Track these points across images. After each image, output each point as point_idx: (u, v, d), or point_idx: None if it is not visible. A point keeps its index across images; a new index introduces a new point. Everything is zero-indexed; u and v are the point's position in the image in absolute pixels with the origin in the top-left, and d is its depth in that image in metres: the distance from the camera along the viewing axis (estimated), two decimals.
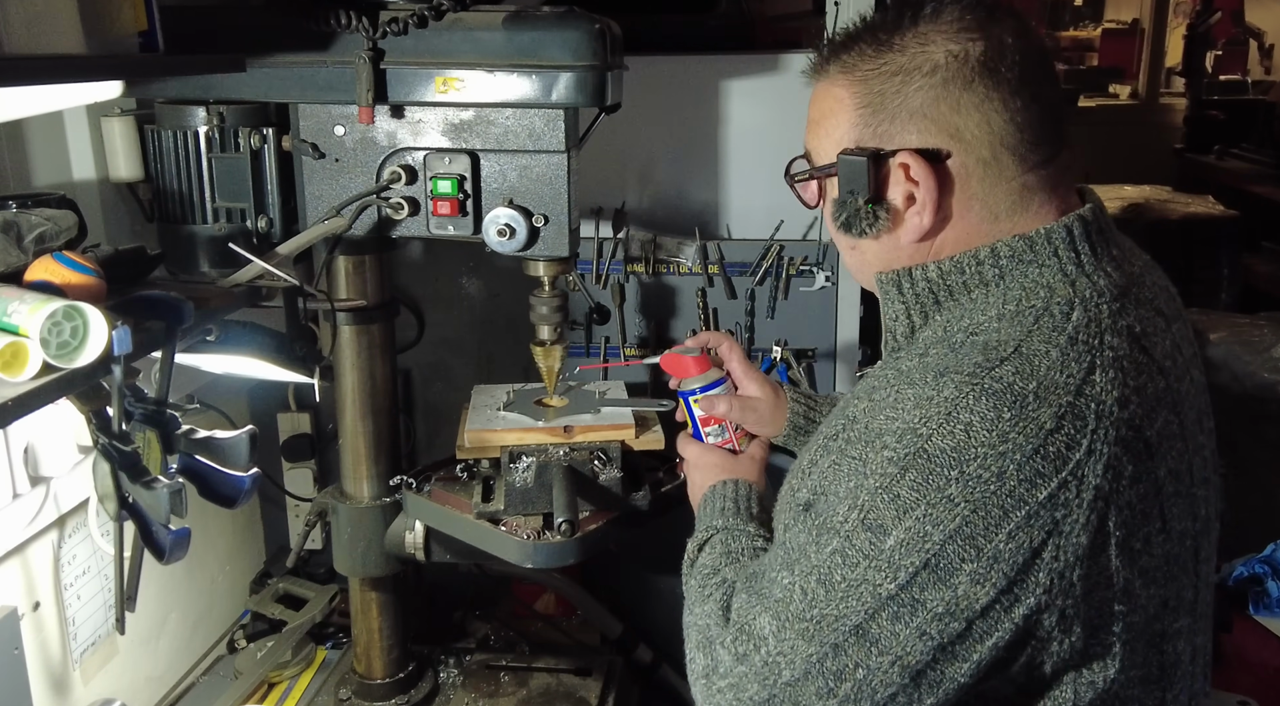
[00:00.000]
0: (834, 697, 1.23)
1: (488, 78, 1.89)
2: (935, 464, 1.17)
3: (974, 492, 1.16)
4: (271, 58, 1.92)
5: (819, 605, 1.22)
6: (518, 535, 2.01)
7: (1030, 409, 1.17)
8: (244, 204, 1.99)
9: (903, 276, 1.39)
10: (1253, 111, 9.13)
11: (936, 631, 1.18)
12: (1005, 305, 1.30)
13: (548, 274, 2.11)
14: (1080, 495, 1.16)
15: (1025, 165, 1.32)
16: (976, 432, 1.17)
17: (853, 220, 1.39)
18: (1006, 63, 1.29)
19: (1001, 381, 1.19)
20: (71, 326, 1.42)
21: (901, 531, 1.18)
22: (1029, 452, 1.16)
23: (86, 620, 2.19)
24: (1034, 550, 1.16)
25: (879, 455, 1.22)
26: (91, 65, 1.48)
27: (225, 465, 1.75)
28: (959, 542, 1.16)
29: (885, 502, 1.19)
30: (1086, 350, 1.23)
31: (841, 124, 1.38)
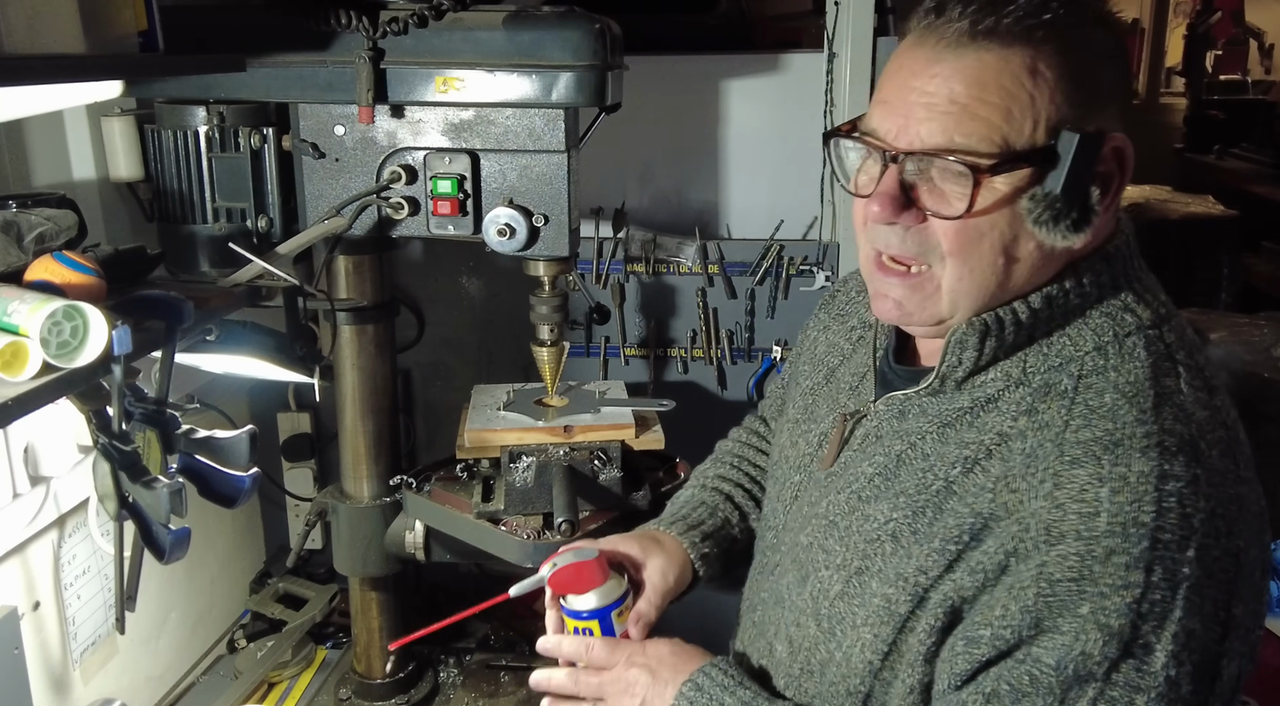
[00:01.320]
0: None
1: (488, 77, 1.89)
2: (1169, 550, 1.05)
3: (1205, 561, 1.07)
4: (271, 57, 1.92)
5: None
6: (518, 535, 2.01)
7: (1213, 462, 1.11)
8: (244, 204, 1.99)
9: (992, 325, 1.21)
10: (1253, 111, 9.14)
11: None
12: (1100, 335, 1.19)
13: (548, 274, 2.11)
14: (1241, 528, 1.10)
15: None
16: (1186, 501, 1.07)
17: (1063, 215, 1.15)
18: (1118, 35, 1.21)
19: (1172, 434, 1.10)
20: (71, 326, 1.42)
21: (1168, 640, 1.06)
22: (1221, 500, 1.09)
23: (86, 620, 2.19)
24: (1230, 592, 1.09)
25: (1104, 570, 1.06)
26: (91, 65, 1.48)
27: (225, 465, 1.75)
28: (1213, 624, 1.08)
29: (1136, 617, 1.05)
30: (1199, 371, 1.17)
31: (1040, 101, 1.13)
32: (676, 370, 2.89)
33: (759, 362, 2.84)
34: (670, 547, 1.58)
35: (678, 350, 2.87)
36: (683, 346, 2.87)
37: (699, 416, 2.09)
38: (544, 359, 2.21)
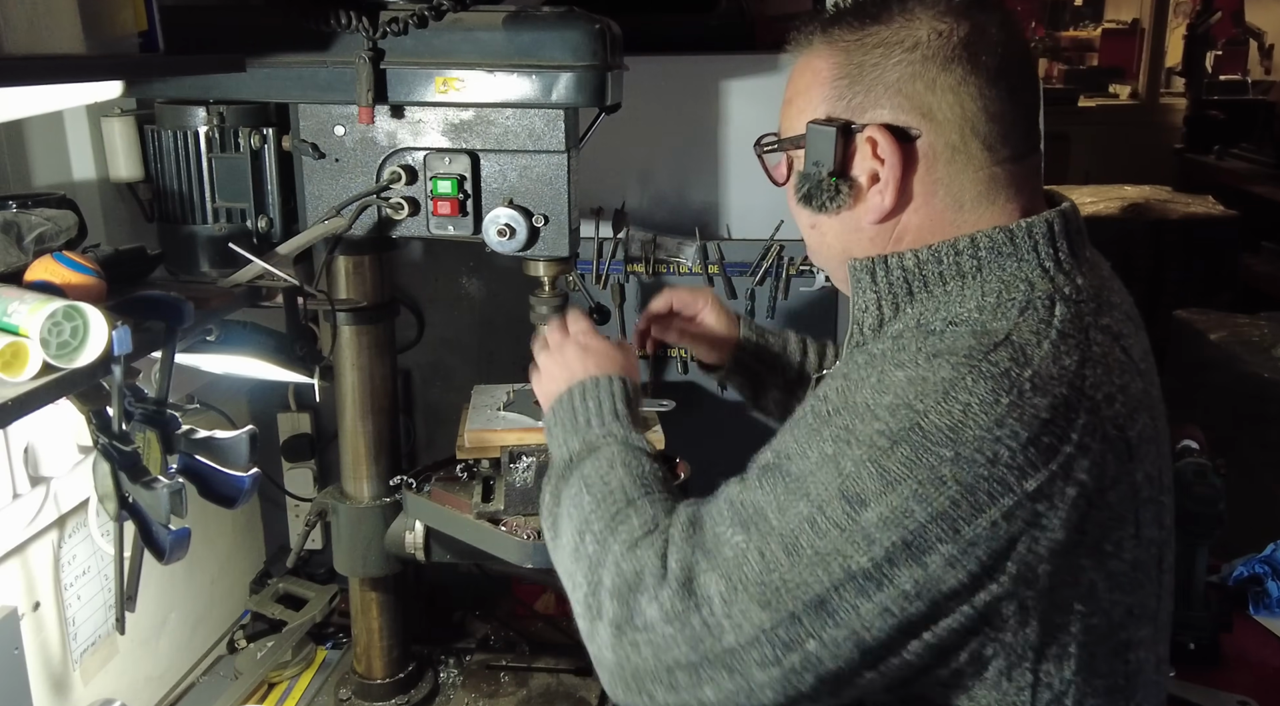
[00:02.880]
0: (776, 667, 1.17)
1: (488, 78, 1.89)
2: (930, 440, 1.14)
3: (965, 474, 1.13)
4: (271, 58, 1.92)
5: (779, 571, 1.16)
6: (518, 535, 2.01)
7: (1028, 396, 1.15)
8: (244, 204, 1.99)
9: (877, 264, 1.35)
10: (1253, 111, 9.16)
11: (899, 609, 1.14)
12: (985, 298, 1.27)
13: (548, 274, 2.11)
14: (1065, 490, 1.15)
15: (994, 157, 1.31)
16: (975, 414, 1.14)
17: (814, 193, 1.37)
18: (987, 50, 1.29)
19: (998, 366, 1.17)
20: (71, 326, 1.42)
21: (884, 506, 1.14)
22: (1024, 441, 1.14)
23: (86, 620, 2.19)
24: (1012, 539, 1.14)
25: (868, 426, 1.18)
26: (91, 65, 1.48)
27: (225, 465, 1.75)
28: (942, 524, 1.13)
29: (871, 474, 1.15)
30: (1075, 345, 1.22)
31: (815, 98, 1.36)
32: (676, 370, 2.89)
33: None
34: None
35: (678, 350, 2.87)
36: (683, 347, 2.87)
37: (699, 416, 2.09)
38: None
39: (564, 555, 1.40)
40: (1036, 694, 1.22)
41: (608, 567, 1.30)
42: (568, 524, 1.41)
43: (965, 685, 1.23)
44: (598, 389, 1.59)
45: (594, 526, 1.36)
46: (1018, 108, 1.31)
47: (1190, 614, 2.53)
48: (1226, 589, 2.80)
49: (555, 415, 1.61)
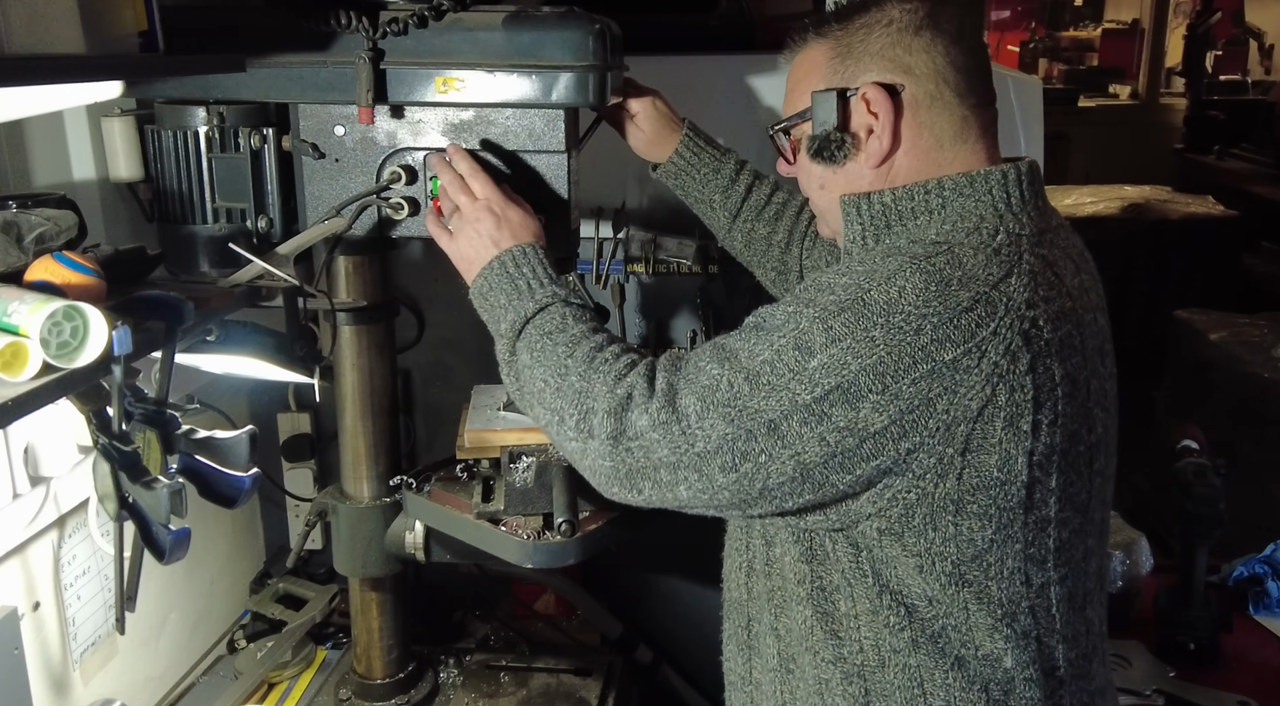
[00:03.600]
0: (734, 472, 1.44)
1: (488, 78, 1.89)
2: (868, 310, 1.39)
3: (893, 339, 1.37)
4: (271, 58, 1.92)
5: (743, 397, 1.43)
6: (518, 535, 2.02)
7: (953, 289, 1.40)
8: (244, 204, 1.99)
9: (861, 200, 1.59)
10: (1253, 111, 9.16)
11: (834, 440, 1.39)
12: (943, 226, 1.52)
13: None
14: (980, 365, 1.37)
15: (964, 102, 1.57)
16: (907, 295, 1.39)
17: (824, 147, 1.61)
18: (946, 19, 1.57)
19: (934, 265, 1.42)
20: (71, 326, 1.42)
21: (825, 356, 1.39)
22: (944, 319, 1.38)
23: (86, 620, 2.19)
24: (930, 399, 1.37)
25: (823, 296, 1.44)
26: (91, 65, 1.48)
27: (225, 465, 1.75)
28: (870, 376, 1.37)
29: (819, 330, 1.40)
30: (1005, 260, 1.45)
31: (815, 79, 1.63)
32: None
33: None
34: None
35: (678, 350, 2.87)
36: (683, 346, 2.87)
37: None
38: None
39: (543, 396, 1.63)
40: (959, 547, 1.45)
41: (599, 396, 1.56)
42: (539, 371, 1.65)
43: (896, 530, 1.46)
44: (528, 258, 1.76)
45: (574, 367, 1.61)
46: (976, 61, 1.59)
47: (1190, 614, 2.54)
48: (1226, 589, 2.80)
49: (490, 283, 1.77)
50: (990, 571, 1.47)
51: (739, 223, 2.24)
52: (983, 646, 1.49)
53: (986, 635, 1.49)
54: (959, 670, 1.50)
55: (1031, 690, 1.51)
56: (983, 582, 1.47)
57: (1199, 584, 2.54)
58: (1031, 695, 1.52)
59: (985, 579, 1.47)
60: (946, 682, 1.50)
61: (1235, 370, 4.63)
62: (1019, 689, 1.51)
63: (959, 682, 1.50)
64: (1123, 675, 2.48)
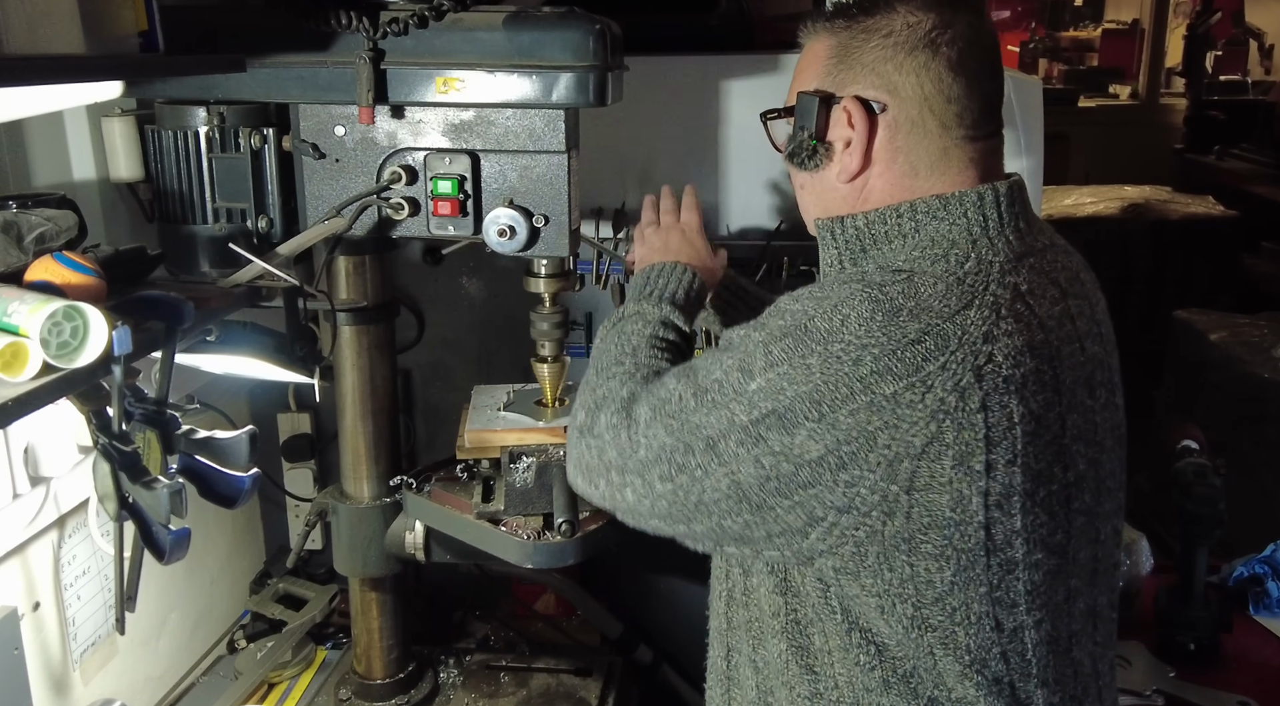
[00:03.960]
0: (670, 482, 1.46)
1: (488, 78, 1.89)
2: (808, 337, 1.38)
3: (829, 368, 1.35)
4: (272, 58, 1.92)
5: (687, 412, 1.46)
6: (518, 535, 2.02)
7: (901, 319, 1.36)
8: (244, 204, 1.99)
9: (835, 224, 1.57)
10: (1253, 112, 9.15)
11: (769, 464, 1.38)
12: (913, 251, 1.48)
13: (548, 290, 2.13)
14: (924, 400, 1.33)
15: (948, 133, 1.51)
16: (850, 324, 1.36)
17: (796, 152, 1.60)
18: (949, 43, 1.49)
19: (886, 293, 1.38)
20: (71, 326, 1.42)
21: (763, 380, 1.39)
22: (886, 351, 1.34)
23: (86, 620, 2.19)
24: (870, 432, 1.34)
25: (774, 321, 1.45)
26: (91, 65, 1.48)
27: (225, 465, 1.76)
28: (805, 404, 1.36)
29: (760, 355, 1.41)
30: (969, 290, 1.39)
31: (811, 75, 1.59)
32: None
33: None
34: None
35: None
36: None
37: None
38: (544, 375, 2.22)
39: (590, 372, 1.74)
40: (918, 588, 1.40)
41: (592, 393, 1.66)
42: (594, 358, 1.76)
43: (852, 569, 1.41)
44: (674, 272, 1.90)
45: (600, 365, 1.72)
46: (974, 95, 1.51)
47: (1190, 614, 2.54)
48: (1226, 589, 2.80)
49: (638, 278, 1.92)
50: (955, 616, 1.41)
51: None
52: (954, 690, 1.45)
53: (957, 680, 1.44)
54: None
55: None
56: (948, 627, 1.41)
57: (1199, 584, 2.54)
58: None
59: (951, 624, 1.41)
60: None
61: (1235, 370, 4.63)
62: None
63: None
64: (1123, 675, 2.48)
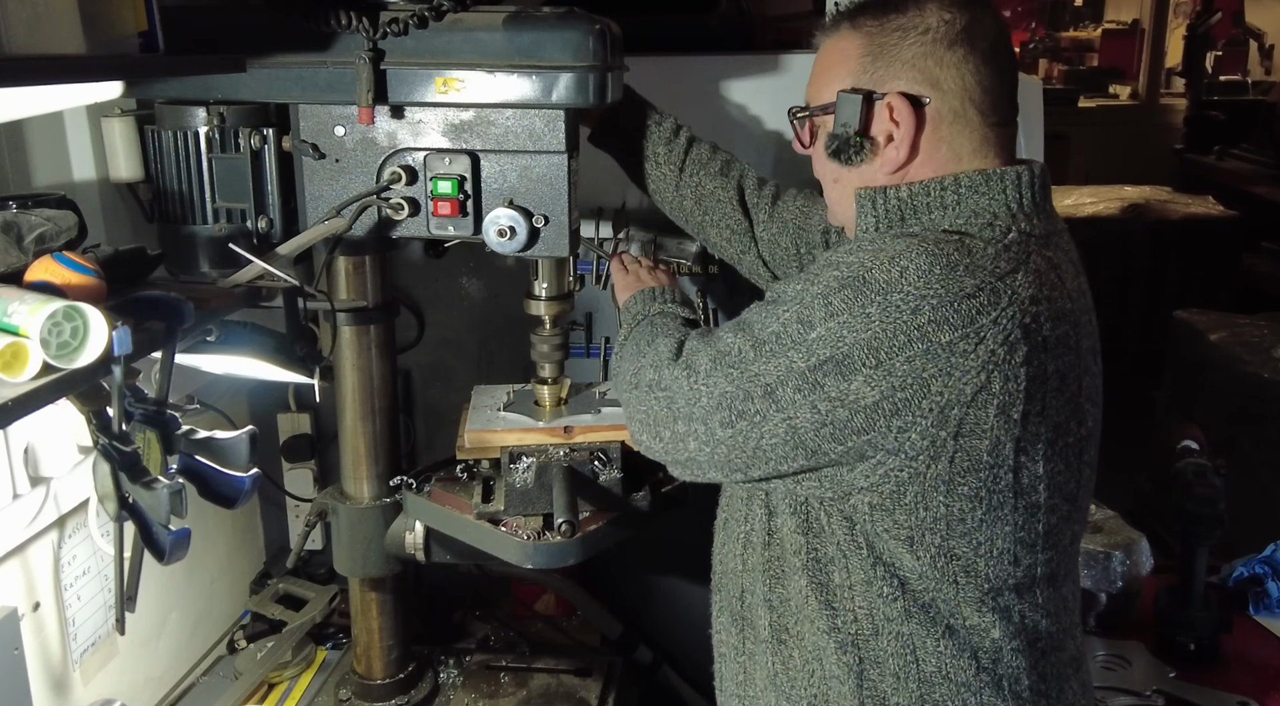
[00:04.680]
0: (730, 428, 1.55)
1: (488, 78, 1.89)
2: (868, 288, 1.44)
3: (889, 317, 1.42)
4: (272, 58, 1.92)
5: (747, 361, 1.53)
6: (518, 535, 2.01)
7: (958, 274, 1.43)
8: (244, 204, 1.99)
9: (878, 193, 1.62)
10: (1253, 112, 9.15)
11: (825, 409, 1.46)
12: (957, 220, 1.56)
13: (549, 313, 2.15)
14: (976, 350, 1.41)
15: (986, 120, 1.59)
16: (909, 275, 1.43)
17: (842, 149, 1.64)
18: (982, 36, 1.58)
19: (942, 249, 1.45)
20: (71, 327, 1.42)
21: (823, 329, 1.46)
22: (944, 301, 1.41)
23: (86, 620, 2.19)
24: (925, 380, 1.42)
25: (828, 273, 1.50)
26: (91, 65, 1.48)
27: (225, 465, 1.75)
28: (864, 351, 1.43)
29: (819, 306, 1.47)
30: (1015, 256, 1.49)
31: (843, 72, 1.64)
32: None
33: None
34: None
35: None
36: None
37: None
38: (544, 397, 2.22)
39: (625, 363, 1.82)
40: (950, 526, 1.51)
41: (648, 358, 1.74)
42: (634, 345, 1.84)
43: (888, 506, 1.51)
44: (666, 292, 2.03)
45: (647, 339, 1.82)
46: (1004, 83, 1.61)
47: (1190, 614, 2.53)
48: (1226, 589, 2.79)
49: (635, 299, 2.02)
50: (980, 549, 1.53)
51: (685, 177, 2.19)
52: (969, 618, 1.56)
53: (974, 608, 1.56)
54: (949, 638, 1.56)
55: (1018, 659, 1.58)
56: (971, 559, 1.53)
57: (1199, 584, 2.54)
58: (1018, 663, 1.58)
59: (974, 556, 1.53)
60: (938, 650, 1.56)
61: (1235, 370, 4.62)
62: (1006, 657, 1.58)
63: (949, 650, 1.56)
64: (1122, 675, 2.48)
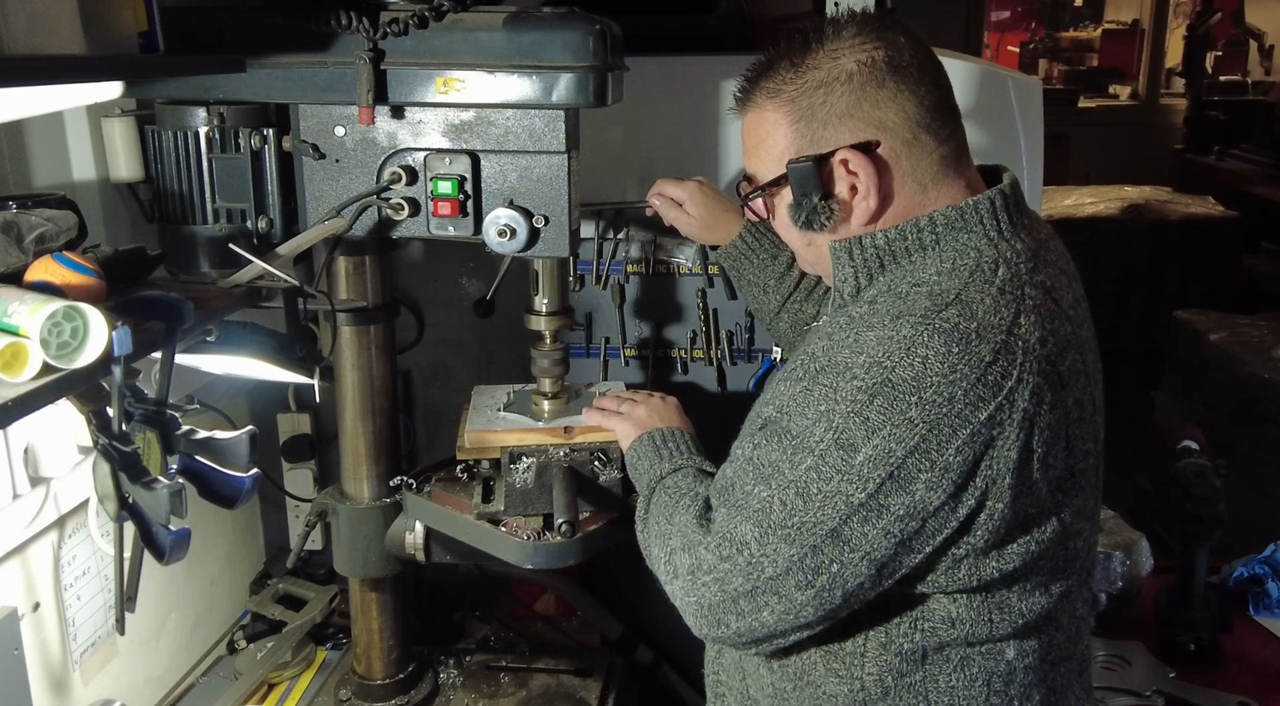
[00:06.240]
0: (811, 588, 1.44)
1: (488, 78, 1.89)
2: (899, 391, 1.38)
3: (930, 414, 1.37)
4: (272, 58, 1.92)
5: (798, 514, 1.42)
6: (518, 536, 2.01)
7: (973, 345, 1.39)
8: (244, 204, 1.99)
9: (854, 244, 1.57)
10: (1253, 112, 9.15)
11: (898, 530, 1.40)
12: (942, 263, 1.51)
13: (549, 328, 2.16)
14: (1012, 416, 1.38)
15: (939, 138, 1.55)
16: (931, 364, 1.38)
17: (812, 218, 1.59)
18: (906, 59, 1.53)
19: (949, 322, 1.40)
20: (71, 327, 1.42)
21: (870, 448, 1.38)
22: (973, 381, 1.37)
23: (86, 620, 2.19)
24: (975, 461, 1.38)
25: (849, 384, 1.41)
26: (91, 65, 1.48)
27: (225, 465, 1.75)
28: (917, 456, 1.37)
29: (856, 424, 1.39)
30: (1012, 299, 1.45)
31: (780, 142, 1.59)
32: (677, 370, 2.89)
33: (759, 363, 2.84)
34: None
35: (677, 351, 2.87)
36: (682, 347, 2.87)
37: (699, 416, 2.09)
38: (544, 411, 2.22)
39: (653, 545, 1.69)
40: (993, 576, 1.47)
41: (676, 539, 1.60)
42: (655, 524, 1.71)
43: (941, 582, 1.48)
44: (674, 436, 1.93)
45: (667, 513, 1.68)
46: (942, 93, 1.56)
47: (1190, 614, 2.54)
48: (1226, 589, 2.80)
49: (639, 454, 1.92)
50: (1014, 586, 1.51)
51: (789, 305, 2.25)
52: (987, 647, 1.54)
53: (996, 638, 1.54)
54: (962, 670, 1.54)
55: (1030, 676, 1.57)
56: (1005, 596, 1.51)
57: (1199, 584, 2.54)
58: (1029, 681, 1.57)
59: (1008, 592, 1.51)
60: (950, 685, 1.54)
61: (1235, 370, 4.63)
62: (1019, 677, 1.56)
63: (961, 682, 1.54)
64: (1122, 675, 2.48)
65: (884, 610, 1.53)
